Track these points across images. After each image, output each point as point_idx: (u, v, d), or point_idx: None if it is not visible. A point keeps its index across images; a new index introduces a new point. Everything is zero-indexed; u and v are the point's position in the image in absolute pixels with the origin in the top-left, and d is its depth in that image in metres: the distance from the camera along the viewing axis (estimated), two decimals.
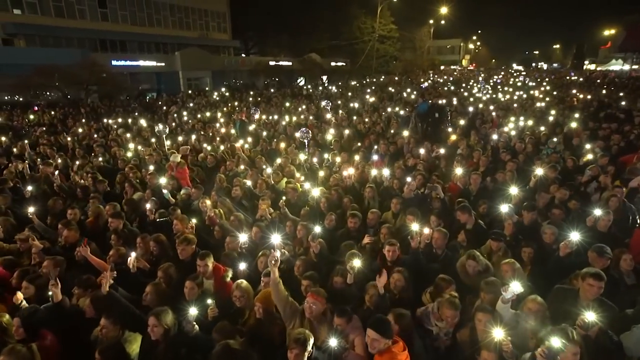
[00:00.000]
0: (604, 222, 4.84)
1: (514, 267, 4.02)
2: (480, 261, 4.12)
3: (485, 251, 4.71)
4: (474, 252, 4.16)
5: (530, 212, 5.15)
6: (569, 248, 3.98)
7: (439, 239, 4.68)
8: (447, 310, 3.39)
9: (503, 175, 6.90)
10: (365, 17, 51.71)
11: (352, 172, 6.56)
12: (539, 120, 12.32)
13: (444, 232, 4.71)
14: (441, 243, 4.70)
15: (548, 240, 4.76)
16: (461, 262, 4.25)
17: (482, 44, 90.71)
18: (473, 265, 4.11)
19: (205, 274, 4.05)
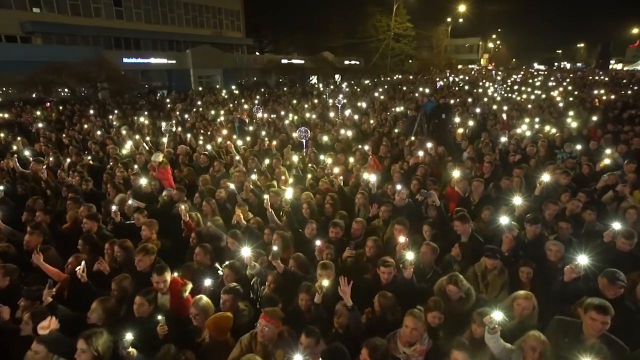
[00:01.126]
0: (625, 243, 4.15)
1: (534, 304, 3.36)
2: (462, 286, 3.61)
3: (479, 269, 4.20)
4: (456, 275, 3.66)
5: (533, 225, 4.59)
6: (574, 273, 3.43)
7: (427, 254, 4.20)
8: (408, 319, 3.00)
9: (509, 182, 6.32)
10: (380, 15, 50.94)
11: (338, 175, 6.08)
12: (556, 122, 11.58)
13: (433, 246, 4.23)
14: (429, 259, 4.22)
15: (553, 259, 4.22)
16: (440, 286, 3.75)
17: (502, 43, 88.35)
18: (454, 292, 3.60)
19: (162, 290, 3.68)
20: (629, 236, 4.11)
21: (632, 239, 4.10)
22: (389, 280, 3.77)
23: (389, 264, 3.78)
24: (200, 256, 4.36)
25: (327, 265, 3.86)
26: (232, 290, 3.54)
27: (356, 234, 4.94)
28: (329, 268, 3.83)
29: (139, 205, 5.70)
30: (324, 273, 3.74)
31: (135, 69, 28.11)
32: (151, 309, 3.44)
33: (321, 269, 3.80)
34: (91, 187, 7.01)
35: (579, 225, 5.17)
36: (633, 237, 4.10)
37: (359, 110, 15.87)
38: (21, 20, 25.22)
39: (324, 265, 3.82)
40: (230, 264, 4.02)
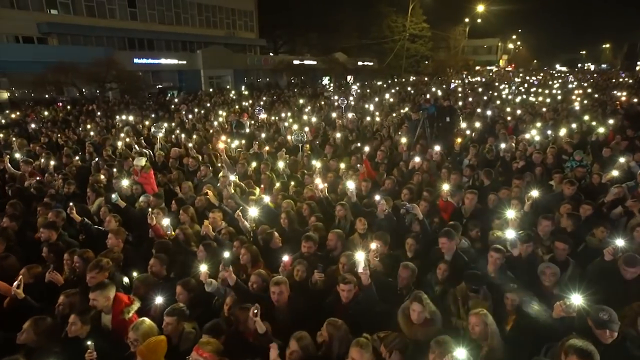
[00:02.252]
0: (627, 270, 3.64)
1: (485, 321, 3.08)
2: (427, 306, 3.21)
3: (460, 293, 3.78)
4: (420, 293, 3.26)
5: (524, 243, 4.14)
6: (564, 312, 2.97)
7: (404, 276, 3.78)
8: (353, 350, 2.70)
9: (508, 193, 5.83)
10: (396, 15, 50.23)
11: (319, 183, 5.71)
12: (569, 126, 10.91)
13: (412, 268, 3.81)
14: (407, 282, 3.80)
15: (547, 283, 3.76)
16: (403, 308, 3.35)
17: (522, 44, 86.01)
18: (418, 311, 3.19)
19: (104, 309, 3.41)
20: (631, 262, 3.60)
21: (635, 265, 3.59)
22: (349, 299, 3.39)
23: (348, 281, 3.42)
24: (156, 267, 4.08)
25: (279, 281, 3.52)
26: (175, 311, 3.23)
27: (331, 245, 4.56)
28: (282, 284, 3.49)
29: (120, 204, 5.47)
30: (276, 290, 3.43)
31: (146, 70, 28.34)
32: (87, 329, 3.17)
33: (273, 286, 3.47)
34: (73, 189, 6.84)
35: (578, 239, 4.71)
36: (636, 264, 3.60)
37: (366, 112, 15.50)
38: (38, 21, 25.77)
39: (276, 282, 3.49)
40: (183, 282, 3.71)
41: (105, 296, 3.38)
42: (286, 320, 3.45)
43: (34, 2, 25.79)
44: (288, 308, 3.51)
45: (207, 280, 3.65)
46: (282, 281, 3.54)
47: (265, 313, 3.40)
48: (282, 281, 3.54)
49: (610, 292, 3.46)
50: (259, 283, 3.79)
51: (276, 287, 3.48)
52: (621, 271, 3.71)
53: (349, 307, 3.35)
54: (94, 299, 3.33)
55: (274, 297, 3.48)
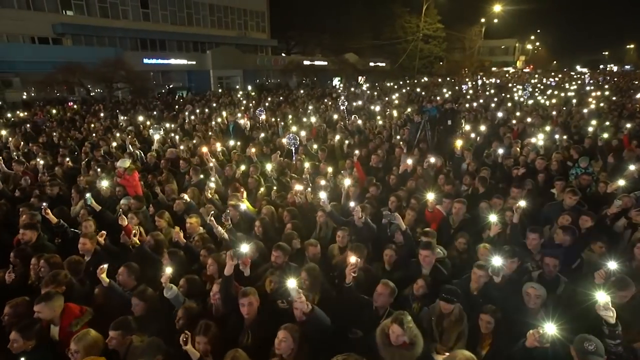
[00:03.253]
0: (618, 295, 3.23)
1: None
2: (408, 329, 2.92)
3: (434, 312, 3.49)
4: (402, 315, 2.97)
5: (509, 259, 3.81)
6: (537, 342, 2.65)
7: (383, 294, 3.45)
8: None
9: (499, 202, 5.47)
10: (409, 15, 49.61)
11: (297, 192, 5.46)
12: (579, 130, 10.41)
13: (392, 287, 3.48)
14: (385, 301, 3.47)
15: (531, 305, 3.44)
16: (383, 326, 3.07)
17: (541, 44, 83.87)
18: (397, 334, 2.91)
19: (52, 321, 3.25)
20: (622, 286, 3.24)
21: (626, 289, 3.23)
22: (302, 318, 3.11)
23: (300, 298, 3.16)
24: (123, 277, 3.90)
25: (248, 292, 3.29)
26: (120, 325, 3.03)
27: (309, 256, 4.32)
28: (251, 295, 3.27)
29: (94, 206, 5.34)
30: None
31: (156, 70, 28.60)
32: (31, 344, 3.00)
33: (242, 297, 3.25)
34: (57, 191, 6.76)
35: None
36: (628, 288, 3.24)
37: (372, 113, 15.18)
38: (53, 22, 26.31)
39: (244, 294, 3.27)
40: (138, 291, 3.52)
41: (50, 308, 3.21)
42: (256, 335, 3.22)
43: (49, 3, 26.35)
44: (257, 321, 3.28)
45: (167, 284, 3.47)
46: (251, 292, 3.30)
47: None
48: (251, 292, 3.30)
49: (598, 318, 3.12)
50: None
51: (245, 298, 3.24)
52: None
53: (303, 328, 3.09)
54: (38, 311, 3.17)
55: (244, 310, 3.24)
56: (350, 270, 3.33)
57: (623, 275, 3.38)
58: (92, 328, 3.21)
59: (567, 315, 3.28)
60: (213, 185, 5.83)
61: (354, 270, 3.33)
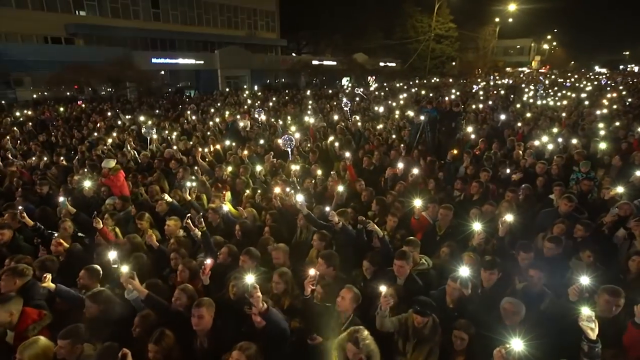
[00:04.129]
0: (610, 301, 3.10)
1: None
2: (363, 347, 2.73)
3: (405, 325, 3.29)
4: (358, 332, 2.78)
5: (487, 270, 3.59)
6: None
7: (345, 300, 3.31)
8: None
9: (491, 208, 5.21)
10: (421, 15, 49.06)
11: (277, 195, 5.30)
12: (587, 133, 10.01)
13: (355, 293, 3.34)
14: (347, 306, 3.33)
15: (508, 321, 3.21)
16: (340, 341, 2.89)
17: (558, 44, 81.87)
18: (353, 351, 2.73)
19: (7, 325, 3.15)
20: (613, 293, 3.06)
21: (618, 296, 3.05)
22: (261, 324, 2.95)
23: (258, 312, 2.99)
24: (84, 280, 3.80)
25: (202, 303, 3.14)
26: (69, 333, 2.91)
27: (279, 263, 4.16)
28: (204, 306, 3.12)
29: (69, 209, 5.28)
30: None
31: (164, 69, 28.85)
32: None
33: (195, 308, 3.11)
34: (47, 190, 6.76)
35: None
36: (619, 294, 3.04)
37: (376, 114, 14.95)
38: (65, 22, 26.79)
39: (198, 304, 3.12)
40: (93, 293, 3.41)
41: (7, 311, 3.12)
42: (212, 342, 3.09)
43: (62, 3, 26.85)
44: (209, 335, 3.13)
45: (127, 285, 3.35)
46: (205, 303, 3.14)
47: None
48: (205, 303, 3.14)
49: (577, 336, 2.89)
50: (182, 300, 3.42)
51: (196, 309, 3.09)
52: (603, 305, 3.13)
53: (261, 337, 2.95)
54: (6, 313, 3.08)
55: (194, 321, 3.09)
56: (309, 283, 3.16)
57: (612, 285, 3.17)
58: (52, 333, 3.13)
59: (546, 331, 3.07)
60: (189, 185, 5.69)
61: (312, 282, 3.16)
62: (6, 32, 24.68)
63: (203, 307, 3.09)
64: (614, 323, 3.05)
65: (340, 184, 5.96)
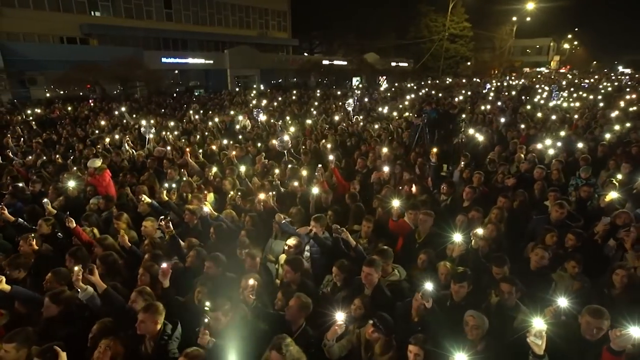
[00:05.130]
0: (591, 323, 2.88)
1: None
2: (287, 355, 2.61)
3: (364, 337, 3.14)
4: (281, 340, 2.66)
5: (457, 283, 3.39)
6: None
7: (293, 308, 3.19)
8: None
9: (478, 215, 4.97)
10: (435, 14, 48.33)
11: (261, 200, 5.18)
12: (596, 137, 9.58)
13: (302, 301, 3.21)
14: (293, 313, 3.20)
15: (469, 336, 3.02)
16: (265, 357, 2.77)
17: (579, 43, 79.45)
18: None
19: None
20: (596, 312, 2.85)
21: (600, 317, 2.83)
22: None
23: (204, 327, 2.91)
24: (51, 282, 3.75)
25: (149, 308, 3.06)
26: (14, 337, 2.83)
27: (252, 270, 4.04)
28: (149, 312, 3.04)
29: (50, 210, 5.28)
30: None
31: (173, 69, 29.20)
32: None
33: (141, 313, 3.03)
34: (39, 188, 6.82)
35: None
36: (602, 316, 2.82)
37: (380, 115, 14.72)
38: (80, 22, 27.36)
39: (145, 309, 3.05)
40: (52, 293, 3.35)
41: None
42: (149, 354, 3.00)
43: (77, 4, 27.42)
44: (154, 339, 3.04)
45: (79, 285, 3.29)
46: (150, 309, 3.04)
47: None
48: (150, 309, 3.04)
49: None
50: (138, 303, 3.34)
51: (140, 314, 3.01)
52: (583, 326, 2.91)
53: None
54: None
55: (139, 327, 3.01)
56: (248, 293, 3.05)
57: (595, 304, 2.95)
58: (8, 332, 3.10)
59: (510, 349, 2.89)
60: (166, 186, 5.63)
61: (251, 292, 3.05)
62: (24, 33, 25.39)
63: (146, 312, 3.02)
64: (596, 346, 2.82)
65: (318, 186, 5.83)
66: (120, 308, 3.25)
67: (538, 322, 2.48)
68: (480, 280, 3.80)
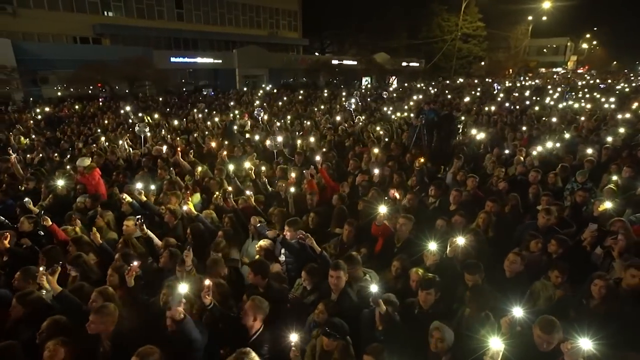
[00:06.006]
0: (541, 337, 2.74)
1: None
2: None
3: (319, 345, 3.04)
4: (243, 353, 2.57)
5: (424, 290, 3.27)
6: None
7: (246, 307, 3.14)
8: None
9: (460, 220, 4.82)
10: (447, 14, 47.68)
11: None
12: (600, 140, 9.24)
13: (255, 304, 3.14)
14: (248, 316, 3.12)
15: (433, 349, 2.90)
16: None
17: (598, 43, 77.20)
18: None
19: None
20: (545, 326, 2.69)
21: (550, 332, 2.66)
22: (172, 327, 2.88)
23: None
24: (19, 282, 3.76)
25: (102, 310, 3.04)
26: None
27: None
28: (102, 315, 3.01)
29: (31, 209, 5.33)
30: None
31: (182, 68, 29.50)
32: None
33: (93, 314, 3.01)
34: (33, 185, 6.91)
35: None
36: (552, 331, 2.65)
37: (383, 115, 14.54)
38: (93, 23, 27.89)
39: (97, 311, 3.02)
40: (20, 294, 3.35)
41: None
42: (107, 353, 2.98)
43: (91, 5, 27.96)
44: (110, 339, 3.02)
45: (43, 284, 3.29)
46: (100, 310, 3.01)
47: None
48: (100, 310, 3.01)
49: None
50: (98, 302, 3.29)
51: (92, 315, 2.97)
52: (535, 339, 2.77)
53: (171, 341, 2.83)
54: None
55: (89, 327, 2.97)
56: (204, 294, 3.00)
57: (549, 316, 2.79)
58: None
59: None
60: (140, 186, 5.62)
61: (207, 292, 2.99)
62: (39, 33, 26.02)
63: (96, 314, 2.99)
64: (551, 357, 2.69)
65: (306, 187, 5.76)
66: (77, 310, 3.23)
67: (495, 342, 2.36)
68: (456, 290, 3.67)
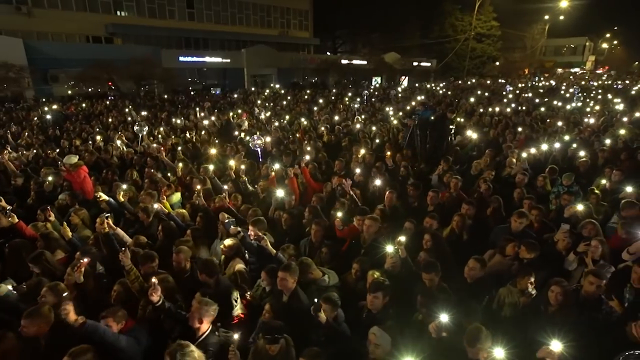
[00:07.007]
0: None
1: None
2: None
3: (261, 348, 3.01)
4: (179, 346, 2.54)
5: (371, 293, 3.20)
6: None
7: (192, 308, 3.12)
8: None
9: (431, 222, 4.71)
10: (461, 13, 46.94)
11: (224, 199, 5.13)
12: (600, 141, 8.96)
13: (195, 304, 3.12)
14: (193, 316, 3.09)
15: (371, 355, 2.84)
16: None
17: (619, 43, 74.86)
18: None
19: None
20: (472, 339, 2.58)
21: (472, 345, 2.57)
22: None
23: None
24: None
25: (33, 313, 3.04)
26: None
27: (179, 267, 4.00)
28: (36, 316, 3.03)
29: (2, 205, 5.41)
30: None
31: (191, 68, 29.79)
32: None
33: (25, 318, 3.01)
34: (21, 182, 7.06)
35: None
36: (474, 344, 2.56)
37: (385, 116, 14.42)
38: (106, 22, 28.44)
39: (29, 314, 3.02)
40: None
41: None
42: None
43: (103, 4, 28.51)
44: (45, 338, 3.05)
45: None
46: (33, 312, 3.01)
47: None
48: (33, 312, 3.01)
49: None
50: (48, 299, 3.30)
51: (25, 320, 2.95)
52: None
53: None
54: None
55: (22, 331, 2.96)
56: (152, 291, 3.00)
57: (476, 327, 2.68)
58: None
59: None
60: (124, 187, 5.67)
61: (153, 290, 3.03)
62: (52, 32, 26.70)
63: (27, 318, 2.98)
64: None
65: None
66: (15, 310, 3.27)
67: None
68: (412, 293, 3.58)
